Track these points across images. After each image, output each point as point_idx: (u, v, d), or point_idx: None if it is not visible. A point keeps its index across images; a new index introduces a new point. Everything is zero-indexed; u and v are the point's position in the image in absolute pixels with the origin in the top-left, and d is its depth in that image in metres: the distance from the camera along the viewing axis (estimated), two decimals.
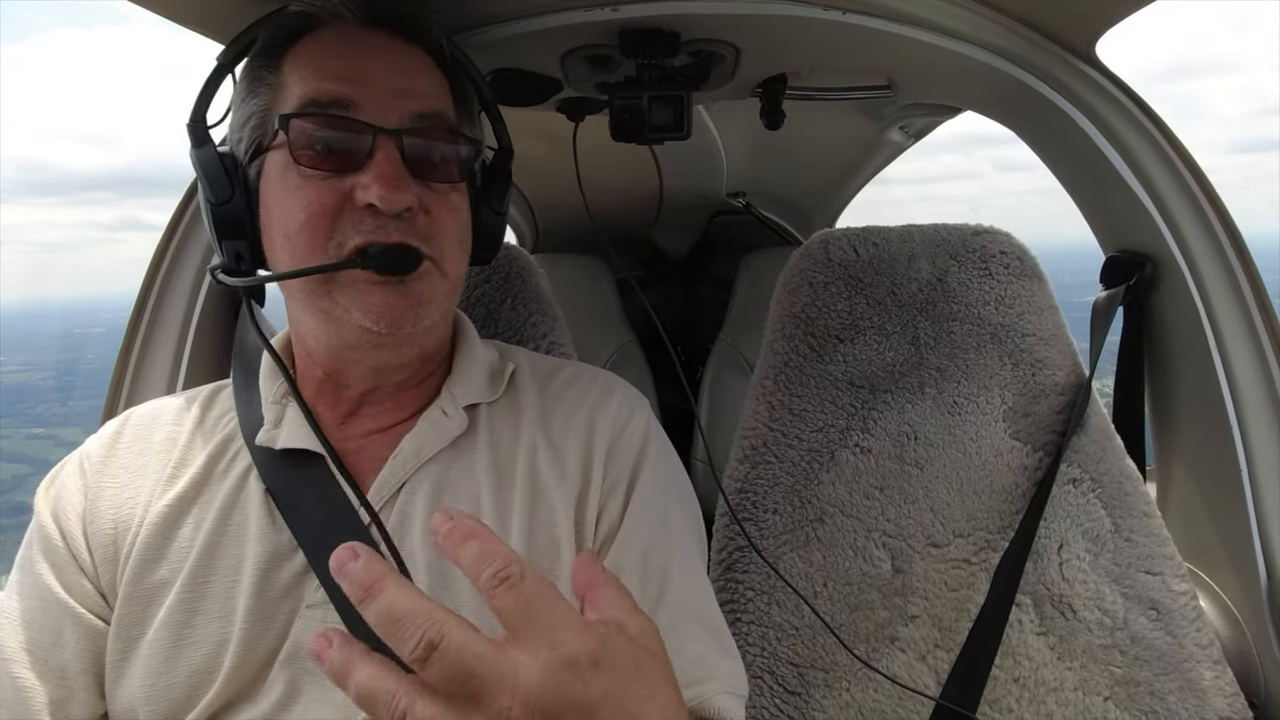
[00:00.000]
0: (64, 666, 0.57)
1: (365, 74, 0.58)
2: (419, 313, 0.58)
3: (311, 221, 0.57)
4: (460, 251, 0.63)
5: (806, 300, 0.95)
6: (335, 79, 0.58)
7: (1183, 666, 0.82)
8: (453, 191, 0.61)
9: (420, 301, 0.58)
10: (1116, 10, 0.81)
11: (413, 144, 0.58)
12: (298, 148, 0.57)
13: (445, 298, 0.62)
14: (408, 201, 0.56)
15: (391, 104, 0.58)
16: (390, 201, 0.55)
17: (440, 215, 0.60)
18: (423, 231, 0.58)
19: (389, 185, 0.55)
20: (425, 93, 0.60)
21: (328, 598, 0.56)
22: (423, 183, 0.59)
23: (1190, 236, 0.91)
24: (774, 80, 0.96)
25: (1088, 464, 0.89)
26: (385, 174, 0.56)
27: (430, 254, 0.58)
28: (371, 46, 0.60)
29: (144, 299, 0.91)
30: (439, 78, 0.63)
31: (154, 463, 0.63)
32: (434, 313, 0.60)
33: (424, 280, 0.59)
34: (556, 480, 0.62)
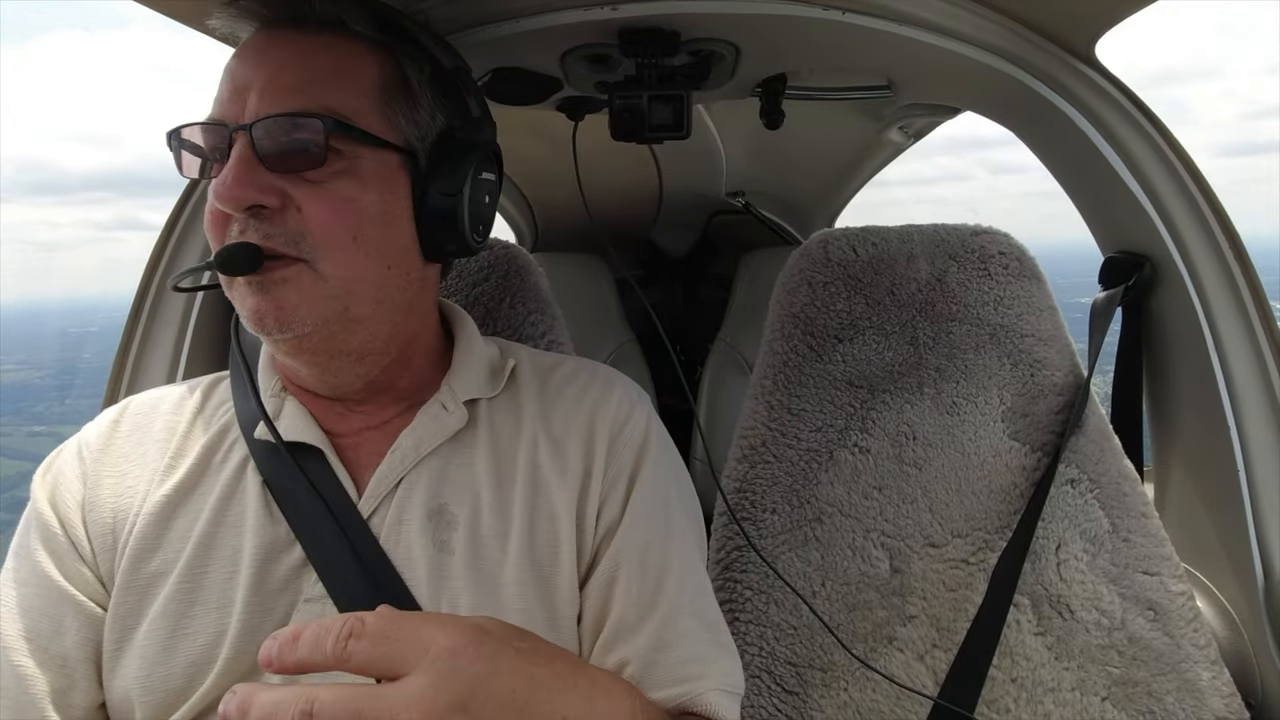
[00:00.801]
0: (65, 654, 0.57)
1: (243, 82, 0.56)
2: (281, 318, 0.55)
3: (209, 227, 0.57)
4: (354, 246, 0.56)
5: (805, 300, 0.95)
6: (216, 98, 0.57)
7: (1180, 667, 0.82)
8: (339, 180, 0.56)
9: (283, 306, 0.55)
10: (1116, 11, 0.81)
11: (265, 134, 0.54)
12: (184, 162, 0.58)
13: (327, 300, 0.56)
14: (247, 198, 0.53)
15: (255, 101, 0.55)
16: (224, 199, 0.53)
17: (314, 211, 0.55)
18: (291, 231, 0.55)
19: (224, 182, 0.53)
20: (298, 82, 0.56)
21: (326, 592, 0.57)
22: (287, 175, 0.55)
23: (1189, 238, 0.91)
24: (774, 80, 0.97)
25: (1086, 464, 0.89)
26: (225, 172, 0.53)
27: (295, 254, 0.55)
28: (263, 50, 0.58)
29: (143, 296, 0.91)
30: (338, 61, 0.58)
31: (153, 451, 0.63)
32: (308, 317, 0.55)
33: (288, 285, 0.55)
34: (558, 475, 0.62)
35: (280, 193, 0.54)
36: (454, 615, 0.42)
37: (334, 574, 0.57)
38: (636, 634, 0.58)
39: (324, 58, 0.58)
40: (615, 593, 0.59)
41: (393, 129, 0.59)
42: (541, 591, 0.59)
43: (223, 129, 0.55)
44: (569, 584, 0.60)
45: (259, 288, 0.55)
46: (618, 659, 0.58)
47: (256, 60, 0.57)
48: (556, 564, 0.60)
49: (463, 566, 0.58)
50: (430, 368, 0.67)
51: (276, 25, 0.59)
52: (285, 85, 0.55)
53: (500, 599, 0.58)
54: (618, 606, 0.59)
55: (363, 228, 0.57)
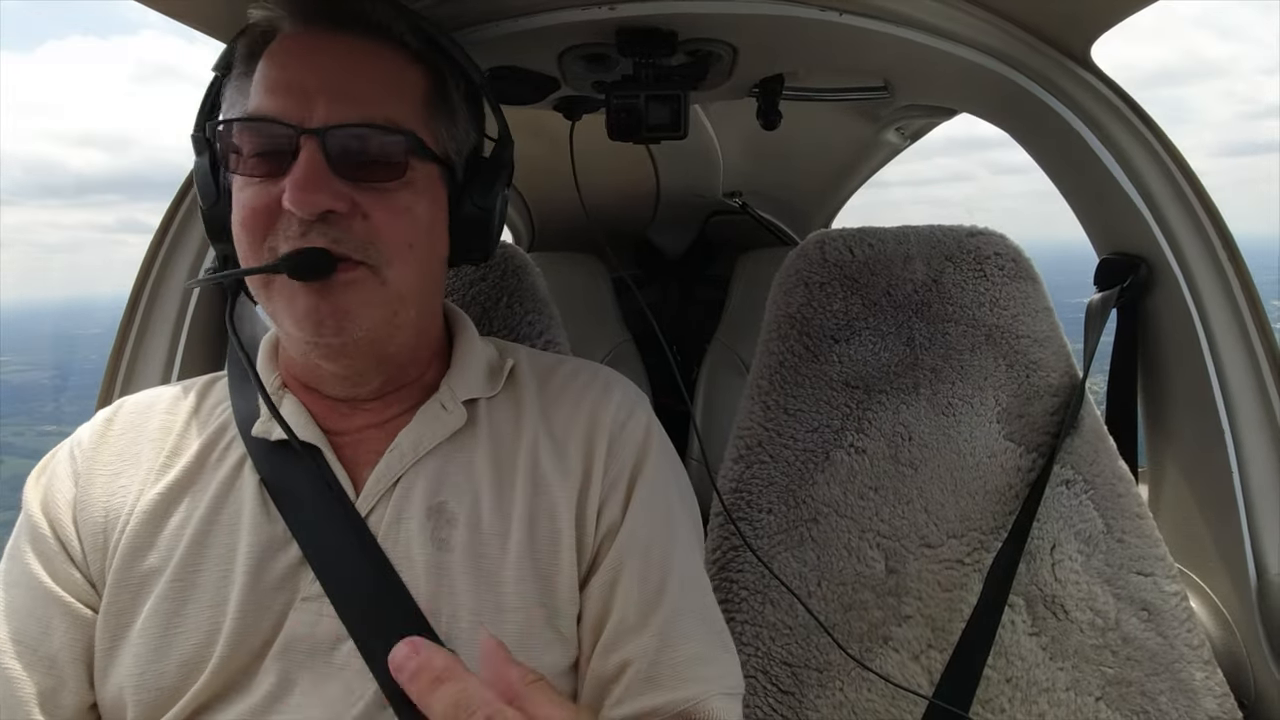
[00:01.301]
0: (53, 656, 0.56)
1: (300, 82, 0.56)
2: (341, 322, 0.56)
3: (246, 225, 0.57)
4: (410, 255, 0.59)
5: (802, 300, 0.95)
6: (271, 92, 0.57)
7: (1173, 667, 0.82)
8: (402, 190, 0.58)
9: (344, 310, 0.56)
10: (1112, 14, 0.81)
11: (339, 142, 0.55)
12: (229, 154, 0.57)
13: (385, 306, 0.58)
14: (323, 204, 0.54)
15: (322, 105, 0.56)
16: (301, 204, 0.54)
17: (380, 218, 0.57)
18: (358, 237, 0.56)
19: (300, 187, 0.54)
20: (365, 91, 0.57)
21: (323, 591, 0.56)
22: (357, 184, 0.56)
23: (1184, 240, 0.91)
24: (771, 80, 0.97)
25: (1081, 465, 0.90)
26: (299, 176, 0.54)
27: (362, 259, 0.56)
28: (319, 52, 0.58)
29: (137, 296, 0.91)
30: (396, 73, 0.60)
31: (147, 451, 0.62)
32: (364, 321, 0.57)
33: (352, 289, 0.56)
34: (559, 475, 0.62)
35: (349, 199, 0.56)
36: None
37: (331, 572, 0.56)
38: (640, 634, 0.58)
39: (382, 67, 0.59)
40: (617, 593, 0.60)
41: (437, 141, 0.61)
42: (541, 590, 0.59)
43: (289, 130, 0.55)
44: (569, 583, 0.60)
45: (319, 290, 0.56)
46: (620, 659, 0.58)
47: (315, 62, 0.57)
48: (556, 563, 0.59)
49: (462, 564, 0.58)
50: (433, 367, 0.67)
51: (325, 25, 0.59)
52: (354, 94, 0.57)
53: (500, 598, 0.58)
54: (620, 607, 0.59)
55: (418, 237, 0.59)
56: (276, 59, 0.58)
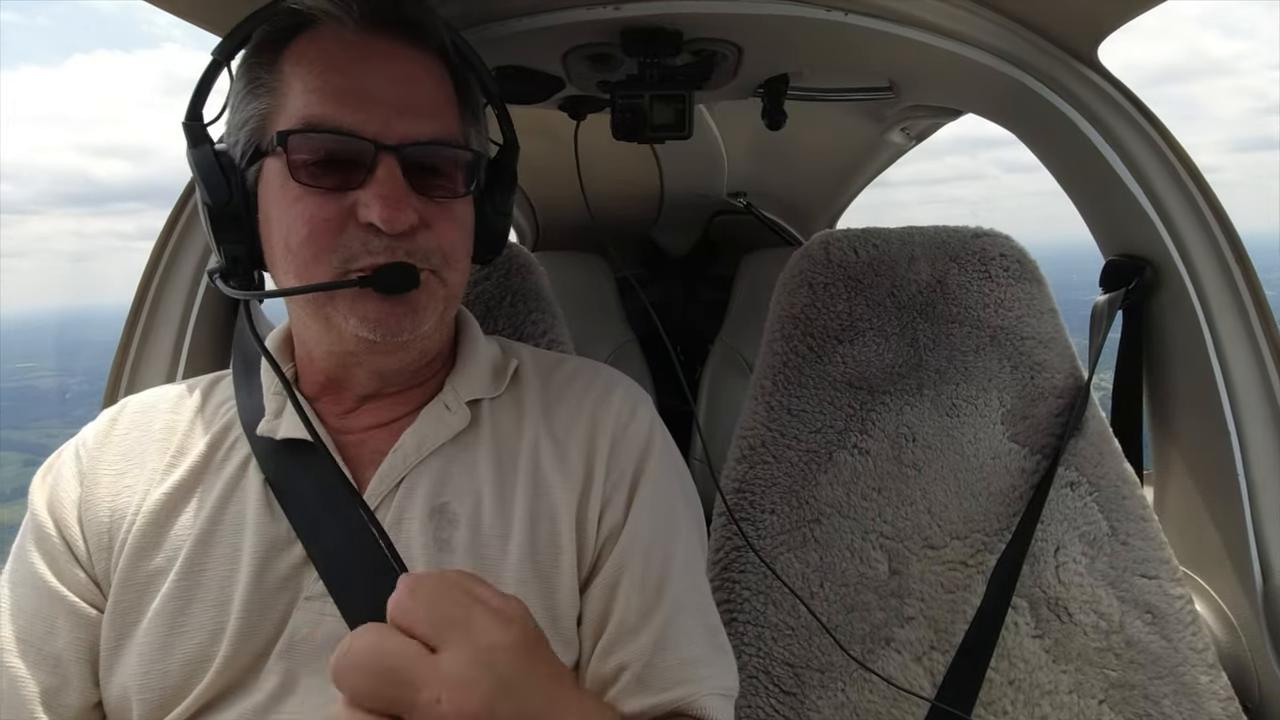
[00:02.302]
0: (58, 655, 0.57)
1: (366, 90, 0.56)
2: (415, 320, 0.59)
3: (314, 236, 0.56)
4: (463, 259, 0.62)
5: (806, 301, 0.95)
6: (337, 99, 0.56)
7: (1177, 670, 0.82)
8: (458, 202, 0.61)
9: (416, 309, 0.58)
10: (1119, 14, 0.81)
11: (414, 159, 0.57)
12: (297, 163, 0.56)
13: (443, 304, 0.61)
14: (409, 221, 0.56)
15: (394, 119, 0.56)
16: (392, 222, 0.55)
17: (443, 229, 0.59)
18: (424, 247, 0.58)
19: (390, 205, 0.55)
20: (429, 104, 0.59)
21: (326, 590, 0.56)
22: (424, 196, 0.58)
23: (1190, 241, 0.91)
24: (776, 80, 0.96)
25: (1085, 467, 0.89)
26: (386, 193, 0.55)
27: (430, 267, 0.59)
28: (372, 56, 0.58)
29: (142, 296, 0.91)
30: (442, 82, 0.61)
31: (152, 450, 0.63)
32: (430, 319, 0.60)
33: (423, 291, 0.58)
34: (559, 476, 0.62)
35: (420, 213, 0.58)
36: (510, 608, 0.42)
37: (334, 572, 0.57)
38: (637, 636, 0.59)
39: (432, 78, 0.60)
40: (617, 595, 0.59)
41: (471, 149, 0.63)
42: (542, 591, 0.59)
43: (367, 144, 0.56)
44: (569, 585, 0.60)
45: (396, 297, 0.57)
46: (617, 662, 0.58)
47: (374, 69, 0.57)
48: (557, 565, 0.59)
49: (462, 564, 0.58)
50: (435, 367, 0.67)
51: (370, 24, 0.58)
52: (421, 108, 0.58)
53: None
54: (620, 609, 0.59)
55: (468, 243, 0.63)
56: (330, 60, 0.57)
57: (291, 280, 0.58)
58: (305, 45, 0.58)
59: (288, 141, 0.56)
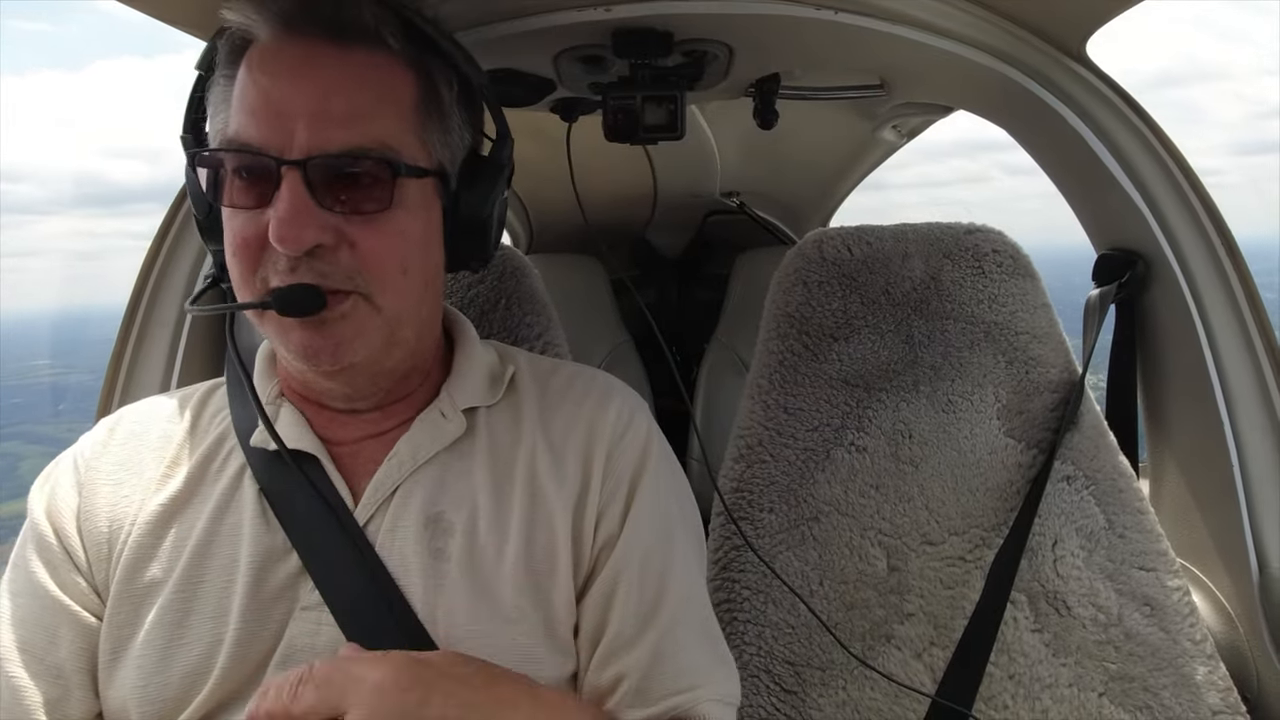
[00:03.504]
0: (60, 665, 0.56)
1: (275, 103, 0.53)
2: (337, 353, 0.55)
3: (238, 255, 0.55)
4: (404, 278, 0.57)
5: (801, 299, 0.95)
6: (250, 115, 0.54)
7: (1176, 662, 0.82)
8: (392, 213, 0.55)
9: (340, 341, 0.55)
10: (1106, 9, 0.81)
11: (323, 172, 0.53)
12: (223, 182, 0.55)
13: (379, 331, 0.57)
14: (308, 240, 0.52)
15: (302, 131, 0.52)
16: (285, 242, 0.52)
17: (369, 246, 0.54)
18: (344, 268, 0.54)
19: (285, 224, 0.52)
20: (348, 111, 0.54)
21: (323, 600, 0.56)
22: (343, 212, 0.54)
23: (1181, 234, 0.91)
24: (767, 80, 0.97)
25: (1081, 461, 0.90)
26: (284, 212, 0.52)
27: (355, 289, 0.55)
28: (287, 66, 0.54)
29: (135, 303, 0.91)
30: (381, 83, 0.56)
31: (149, 460, 0.62)
32: (361, 349, 0.56)
33: (345, 321, 0.55)
34: (555, 485, 0.61)
35: (334, 230, 0.54)
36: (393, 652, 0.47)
37: (330, 582, 0.56)
38: (634, 647, 0.58)
39: (367, 81, 0.55)
40: (614, 605, 0.59)
41: (428, 153, 0.58)
42: (538, 600, 0.59)
43: (268, 160, 0.53)
44: (566, 594, 0.59)
45: (313, 325, 0.54)
46: (614, 673, 0.58)
47: (296, 79, 0.54)
48: (553, 574, 0.59)
49: (459, 574, 0.58)
50: (432, 374, 0.66)
51: (305, 31, 0.55)
52: (336, 116, 0.53)
53: (497, 607, 0.57)
54: (616, 619, 0.59)
55: (411, 257, 0.57)
56: (254, 74, 0.54)
57: None
58: (248, 56, 0.56)
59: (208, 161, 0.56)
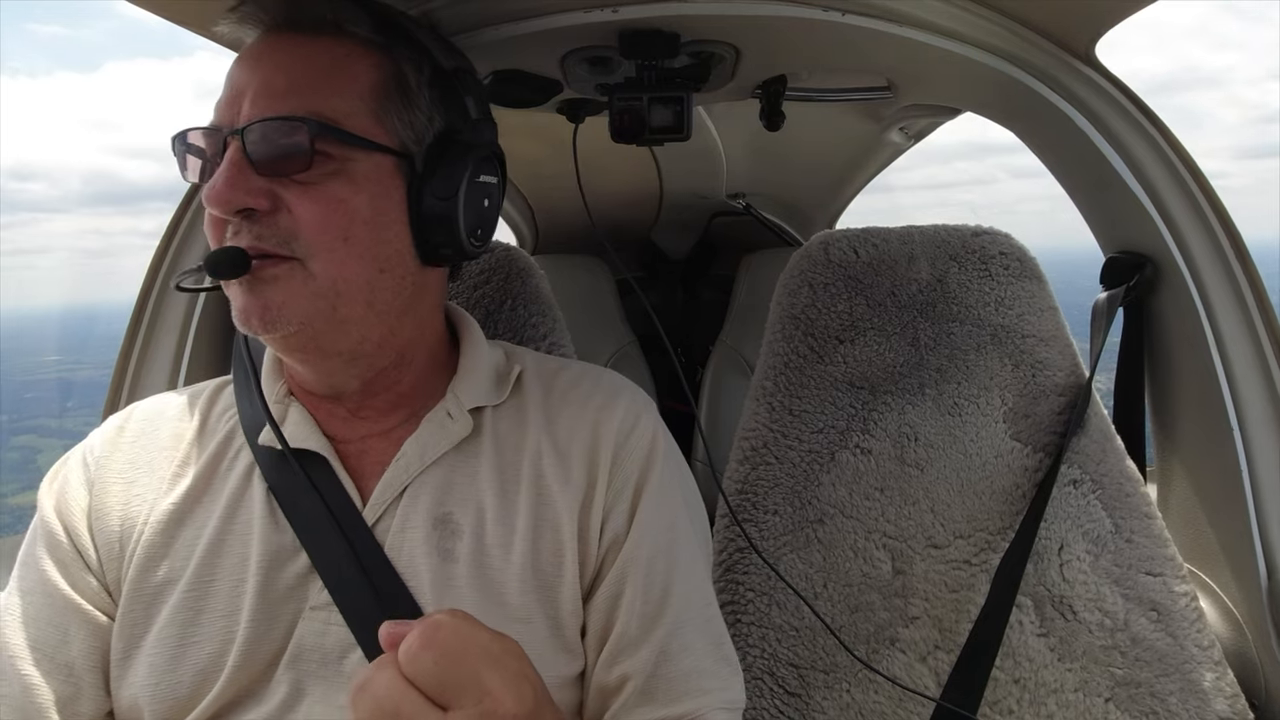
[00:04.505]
0: (71, 663, 0.57)
1: (235, 87, 0.57)
2: (265, 316, 0.55)
3: (209, 228, 0.58)
4: (344, 247, 0.56)
5: (806, 301, 0.95)
6: (217, 106, 0.58)
7: (1183, 668, 0.82)
8: (331, 181, 0.55)
9: (269, 305, 0.55)
10: (1115, 11, 0.81)
11: (256, 137, 0.54)
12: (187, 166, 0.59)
13: (315, 298, 0.56)
14: (237, 201, 0.54)
15: (246, 106, 0.56)
16: (214, 201, 0.54)
17: (303, 211, 0.55)
18: (281, 232, 0.55)
19: (215, 186, 0.54)
20: (288, 86, 0.56)
21: (331, 600, 0.56)
22: (279, 179, 0.55)
23: (1190, 237, 0.90)
24: (774, 81, 0.97)
25: (1088, 465, 0.89)
26: (216, 176, 0.54)
27: (287, 254, 0.55)
28: (261, 55, 0.58)
29: (144, 300, 0.91)
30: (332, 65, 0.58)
31: (160, 459, 0.63)
32: (294, 314, 0.56)
33: (276, 284, 0.55)
34: (561, 485, 0.61)
35: (270, 195, 0.55)
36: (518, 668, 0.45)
37: (339, 582, 0.57)
38: (640, 647, 0.58)
39: (318, 61, 0.57)
40: (620, 606, 0.59)
41: (387, 132, 0.58)
42: (545, 601, 0.59)
43: (218, 133, 0.56)
44: (572, 595, 0.59)
45: (248, 287, 0.55)
46: (620, 673, 0.58)
47: (253, 65, 0.58)
48: (560, 575, 0.59)
49: (467, 575, 0.58)
50: (434, 373, 0.66)
51: (277, 29, 0.59)
52: (276, 89, 0.56)
53: (504, 608, 0.57)
54: (622, 620, 0.59)
55: (354, 229, 0.56)
56: (230, 71, 0.59)
57: None
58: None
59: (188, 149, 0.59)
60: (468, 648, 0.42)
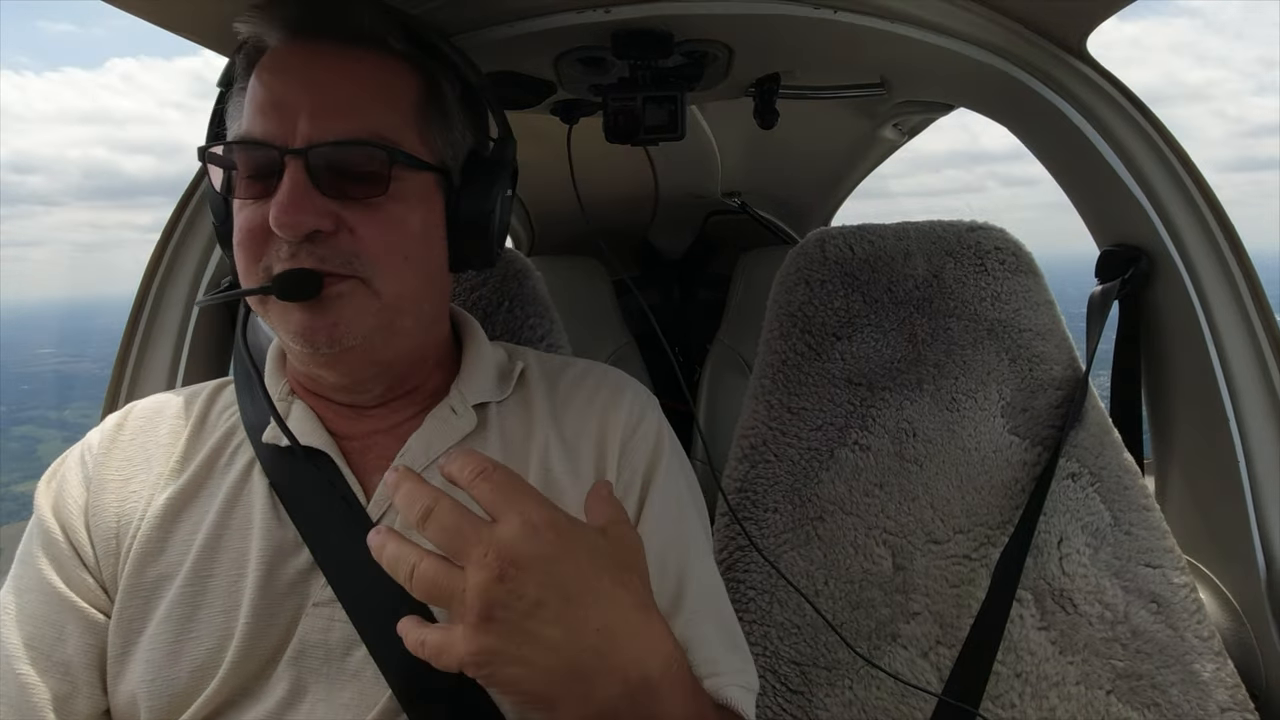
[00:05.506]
0: (67, 661, 0.56)
1: (281, 99, 0.56)
2: (334, 334, 0.57)
3: (243, 245, 0.57)
4: (404, 265, 0.59)
5: (803, 299, 0.95)
6: (259, 113, 0.57)
7: (1184, 659, 0.82)
8: (390, 203, 0.57)
9: (337, 323, 0.56)
10: (1106, 6, 0.81)
11: (322, 160, 0.55)
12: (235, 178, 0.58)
13: (378, 315, 0.58)
14: (307, 225, 0.54)
15: (304, 123, 0.56)
16: (285, 226, 0.54)
17: (367, 232, 0.56)
18: (344, 252, 0.56)
19: (283, 209, 0.54)
20: (348, 103, 0.57)
21: (335, 596, 0.56)
22: (342, 200, 0.56)
23: (1184, 229, 0.91)
24: (767, 79, 0.97)
25: (1086, 458, 0.89)
26: (282, 198, 0.54)
27: (354, 273, 0.56)
28: (295, 65, 0.58)
29: (141, 302, 0.91)
30: (382, 81, 0.59)
31: (157, 456, 0.63)
32: (358, 331, 0.57)
33: (342, 301, 0.56)
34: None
35: (334, 216, 0.56)
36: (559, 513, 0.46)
37: (343, 578, 0.57)
38: None
39: (367, 77, 0.58)
40: None
41: (430, 149, 0.60)
42: None
43: (272, 151, 0.56)
44: None
45: (311, 307, 0.56)
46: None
47: (300, 77, 0.57)
48: None
49: None
50: (440, 372, 0.67)
51: (312, 36, 0.58)
52: (335, 108, 0.56)
53: None
54: None
55: (411, 247, 0.59)
56: (264, 76, 0.58)
57: None
58: (259, 63, 0.60)
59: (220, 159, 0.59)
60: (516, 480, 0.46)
